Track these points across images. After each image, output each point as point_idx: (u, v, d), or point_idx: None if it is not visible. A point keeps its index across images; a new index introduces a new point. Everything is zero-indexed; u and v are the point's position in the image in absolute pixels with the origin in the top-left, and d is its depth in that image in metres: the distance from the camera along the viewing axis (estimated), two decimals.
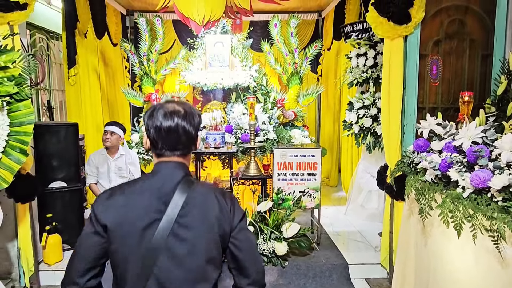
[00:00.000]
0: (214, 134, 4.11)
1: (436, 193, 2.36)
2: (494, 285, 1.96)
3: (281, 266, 3.43)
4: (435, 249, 2.53)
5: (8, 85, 2.36)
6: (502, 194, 1.83)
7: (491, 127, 2.24)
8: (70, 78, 4.89)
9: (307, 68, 5.42)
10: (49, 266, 3.50)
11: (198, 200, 1.33)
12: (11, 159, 2.44)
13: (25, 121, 2.46)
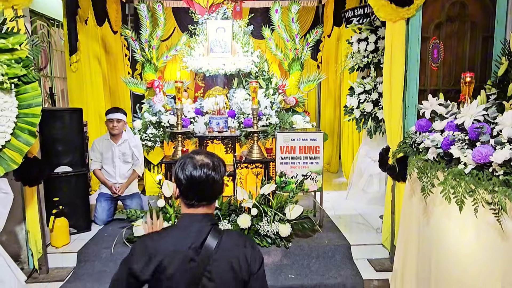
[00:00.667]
0: (217, 118, 4.15)
1: (438, 171, 2.41)
2: (495, 257, 2.01)
3: (284, 247, 3.49)
4: (437, 227, 2.59)
5: (16, 67, 2.39)
6: (503, 168, 1.87)
7: (492, 105, 2.28)
8: (72, 65, 4.91)
9: (307, 54, 5.44)
10: (56, 248, 3.55)
11: (226, 248, 1.49)
12: (20, 140, 2.48)
13: (33, 103, 2.49)
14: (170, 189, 3.59)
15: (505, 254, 1.93)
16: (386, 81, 3.23)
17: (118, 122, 4.09)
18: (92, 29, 5.39)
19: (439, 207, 2.51)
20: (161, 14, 5.22)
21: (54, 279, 3.23)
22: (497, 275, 1.99)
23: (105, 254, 3.44)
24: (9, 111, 2.41)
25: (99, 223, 4.10)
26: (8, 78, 2.37)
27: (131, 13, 6.40)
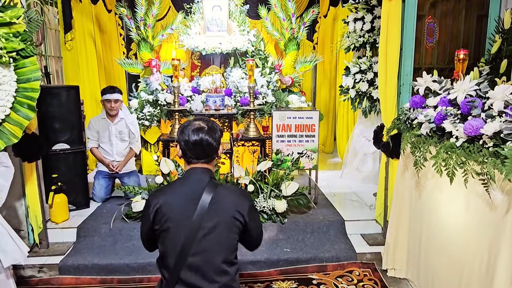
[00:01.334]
0: (214, 96, 4.17)
1: (431, 146, 2.48)
2: (483, 227, 2.10)
3: (280, 223, 3.57)
4: (428, 200, 2.68)
5: (14, 41, 2.40)
6: (493, 140, 1.94)
7: (484, 80, 2.33)
8: (67, 43, 4.89)
9: (304, 34, 5.44)
10: (56, 224, 3.61)
11: (221, 198, 1.75)
12: (20, 115, 2.50)
13: (31, 78, 2.50)
14: (168, 166, 3.64)
15: (493, 223, 2.02)
16: (382, 59, 3.27)
17: (115, 102, 4.11)
18: (86, 7, 5.34)
19: (431, 181, 2.60)
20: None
21: (54, 253, 3.30)
22: (485, 244, 2.08)
23: (104, 229, 3.51)
24: (8, 85, 2.43)
25: (98, 200, 4.15)
26: (6, 52, 2.38)
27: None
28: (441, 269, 2.54)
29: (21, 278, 3.05)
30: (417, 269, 2.87)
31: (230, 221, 1.75)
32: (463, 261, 2.27)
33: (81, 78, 5.33)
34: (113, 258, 3.20)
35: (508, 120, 1.88)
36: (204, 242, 1.71)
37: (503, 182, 1.89)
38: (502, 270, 1.95)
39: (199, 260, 1.70)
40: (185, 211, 1.71)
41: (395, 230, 3.08)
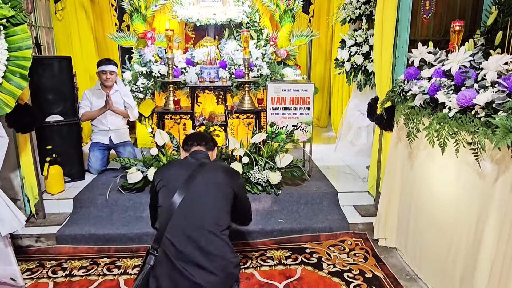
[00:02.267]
0: (209, 68, 4.14)
1: (424, 117, 2.51)
2: (472, 195, 2.15)
3: (275, 194, 3.62)
4: (420, 170, 2.73)
5: (4, 7, 2.35)
6: (485, 110, 1.97)
7: (479, 51, 2.34)
8: (58, 13, 4.79)
9: (299, 6, 5.36)
10: (52, 195, 3.64)
11: (215, 167, 2.20)
12: (12, 84, 2.48)
13: (23, 46, 2.47)
14: (163, 138, 3.65)
15: (482, 191, 2.07)
16: (378, 31, 3.24)
17: (111, 74, 4.12)
18: None
19: (423, 152, 2.64)
20: None
21: (51, 223, 3.34)
22: (474, 212, 2.14)
23: (100, 200, 3.54)
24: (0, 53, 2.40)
25: (93, 172, 4.17)
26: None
27: None
28: (429, 238, 2.62)
29: (19, 247, 3.10)
30: (405, 239, 2.96)
31: (224, 188, 2.11)
32: (453, 229, 2.34)
33: (73, 49, 5.25)
34: (109, 228, 3.25)
35: (501, 90, 1.91)
36: (195, 205, 2.03)
37: (492, 151, 1.93)
38: (489, 236, 2.02)
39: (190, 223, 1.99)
40: (180, 176, 2.07)
41: (386, 201, 3.15)
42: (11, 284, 2.54)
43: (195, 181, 2.05)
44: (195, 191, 2.04)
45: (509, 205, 1.86)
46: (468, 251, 2.20)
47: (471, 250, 2.17)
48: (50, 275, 2.78)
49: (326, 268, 2.85)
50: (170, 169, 2.20)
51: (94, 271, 2.82)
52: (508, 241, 1.85)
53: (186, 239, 1.94)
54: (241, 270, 2.81)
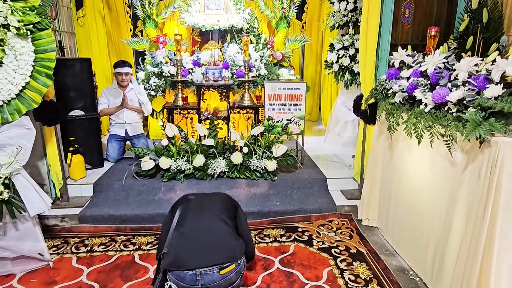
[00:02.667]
0: (213, 68, 4.11)
1: (403, 113, 2.50)
2: (444, 182, 2.16)
3: (271, 180, 3.62)
4: (398, 160, 2.72)
5: (30, 14, 2.32)
6: (457, 106, 1.96)
7: (452, 53, 2.32)
8: (79, 19, 4.74)
9: (293, 14, 5.31)
10: (75, 181, 3.63)
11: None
12: (39, 82, 2.46)
13: (48, 49, 2.44)
14: (173, 130, 3.64)
15: (453, 178, 2.07)
16: (363, 36, 3.22)
17: (126, 75, 4.10)
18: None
19: (402, 143, 2.64)
20: None
21: (74, 205, 3.34)
22: (445, 196, 2.15)
23: (117, 185, 3.54)
24: (27, 55, 2.37)
25: (111, 160, 4.17)
26: (24, 25, 2.31)
27: None
28: (406, 219, 2.63)
29: (46, 226, 3.11)
30: (386, 218, 2.97)
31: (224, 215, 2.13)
32: (427, 211, 2.35)
33: (92, 52, 5.20)
34: (125, 209, 3.26)
35: (471, 89, 1.90)
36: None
37: (463, 143, 1.93)
38: (458, 217, 2.03)
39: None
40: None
41: (369, 186, 3.15)
42: (39, 259, 2.55)
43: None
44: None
45: (477, 190, 1.86)
46: (440, 230, 2.21)
47: (443, 230, 2.18)
48: (73, 250, 2.79)
49: (316, 245, 2.86)
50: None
51: (112, 247, 2.83)
52: (475, 222, 1.85)
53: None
54: None
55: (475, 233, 1.85)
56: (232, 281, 1.95)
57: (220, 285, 1.91)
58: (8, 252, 2.46)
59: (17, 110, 2.42)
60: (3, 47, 2.32)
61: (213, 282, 1.88)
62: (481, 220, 1.79)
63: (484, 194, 1.79)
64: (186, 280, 1.87)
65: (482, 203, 1.81)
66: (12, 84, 2.37)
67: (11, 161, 2.33)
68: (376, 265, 2.58)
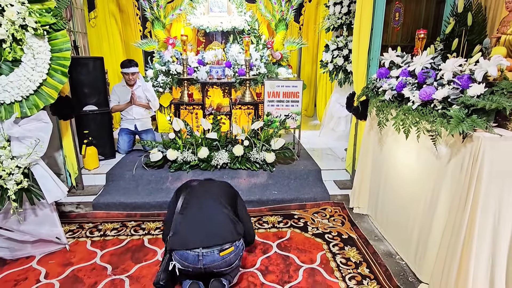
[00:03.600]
0: (217, 67, 4.09)
1: (392, 109, 2.49)
2: (429, 173, 2.16)
3: (270, 171, 3.63)
4: (387, 153, 2.72)
5: (47, 16, 2.30)
6: (442, 104, 1.95)
7: (438, 54, 2.31)
8: (91, 21, 4.70)
9: (291, 16, 5.27)
10: (89, 171, 3.64)
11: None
12: (55, 79, 2.45)
13: (63, 48, 2.42)
14: (179, 125, 3.63)
15: (438, 170, 2.07)
16: (355, 37, 3.20)
17: (132, 75, 4.05)
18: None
19: (391, 137, 2.63)
20: None
21: (88, 193, 3.35)
22: (430, 186, 2.15)
23: (128, 175, 3.54)
24: (44, 54, 2.36)
25: (122, 152, 4.17)
26: (41, 26, 2.29)
27: None
28: (394, 207, 2.64)
29: (62, 213, 3.12)
30: (375, 207, 2.98)
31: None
32: (412, 200, 2.36)
33: (104, 51, 5.17)
34: (135, 197, 3.26)
35: (455, 87, 1.89)
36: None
37: (447, 138, 1.93)
38: (441, 205, 2.04)
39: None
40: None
41: (360, 176, 3.16)
42: (56, 242, 2.57)
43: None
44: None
45: (459, 181, 1.87)
46: (424, 218, 2.22)
47: (426, 218, 2.18)
48: (88, 235, 2.81)
49: (311, 231, 2.87)
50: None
51: (123, 232, 2.85)
52: (457, 211, 1.86)
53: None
54: None
55: (456, 222, 1.86)
56: (231, 262, 1.99)
57: (220, 266, 1.95)
58: (28, 236, 2.48)
59: (35, 105, 2.41)
60: (22, 46, 2.30)
61: (213, 262, 1.92)
62: (462, 209, 1.80)
63: (466, 185, 1.80)
64: (189, 260, 1.90)
65: (464, 193, 1.81)
66: (30, 81, 2.36)
67: (30, 152, 2.34)
68: (366, 249, 2.60)
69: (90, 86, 3.73)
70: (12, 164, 2.29)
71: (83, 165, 3.67)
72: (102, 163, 3.86)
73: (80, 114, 3.67)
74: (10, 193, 2.27)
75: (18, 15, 2.19)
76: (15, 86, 2.32)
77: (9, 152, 2.31)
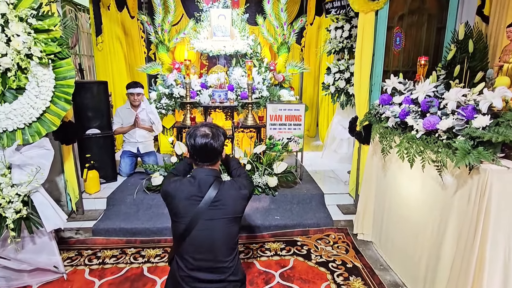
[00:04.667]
0: (219, 91, 4.10)
1: (395, 136, 2.46)
2: (435, 203, 2.10)
3: (272, 195, 3.57)
4: (391, 179, 2.67)
5: (52, 45, 2.32)
6: (446, 134, 1.92)
7: (441, 83, 2.29)
8: (98, 45, 4.77)
9: (293, 39, 5.33)
10: (89, 195, 3.60)
11: (225, 193, 1.63)
12: (58, 107, 2.44)
13: (67, 76, 2.43)
14: (181, 149, 3.61)
15: (443, 200, 2.02)
16: (357, 62, 3.21)
17: (138, 95, 4.07)
18: (113, 14, 5.19)
19: (395, 164, 2.59)
20: (172, 2, 5.02)
21: (89, 218, 3.30)
22: (436, 216, 2.09)
23: (129, 199, 3.50)
24: (48, 82, 2.36)
25: (124, 175, 4.13)
26: (46, 55, 2.31)
27: (145, 1, 6.14)
28: (399, 235, 2.57)
29: (61, 239, 3.06)
30: (379, 234, 2.90)
31: (232, 217, 1.64)
32: (418, 229, 2.29)
33: (109, 73, 5.22)
34: (136, 223, 3.21)
35: (459, 118, 1.86)
36: (204, 231, 1.60)
37: (453, 169, 1.88)
38: (449, 236, 1.97)
39: (202, 252, 1.62)
40: (191, 206, 1.60)
41: (364, 202, 3.10)
42: (54, 271, 2.50)
43: (206, 207, 1.67)
44: (205, 219, 1.67)
45: (467, 213, 1.81)
46: (431, 248, 2.15)
47: (434, 248, 2.11)
48: (86, 262, 2.74)
49: (314, 259, 2.79)
50: (182, 193, 1.69)
51: (123, 260, 2.77)
52: (466, 244, 1.79)
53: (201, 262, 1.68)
54: (244, 260, 2.76)
55: (465, 257, 1.79)
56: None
57: None
58: (25, 265, 2.42)
59: (38, 132, 2.40)
60: (27, 74, 2.31)
61: None
62: (471, 243, 1.74)
63: (474, 218, 1.74)
64: None
65: (472, 226, 1.75)
66: (33, 109, 2.35)
67: (30, 180, 2.30)
68: (372, 280, 2.51)
69: (93, 110, 3.74)
70: (12, 192, 2.26)
71: (84, 189, 3.63)
72: (103, 186, 3.82)
73: (82, 138, 3.65)
74: (8, 222, 2.23)
75: (24, 45, 2.21)
76: (18, 114, 2.31)
77: (9, 180, 2.28)
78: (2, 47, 2.15)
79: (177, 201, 1.62)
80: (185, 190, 1.63)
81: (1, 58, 2.17)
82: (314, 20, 6.14)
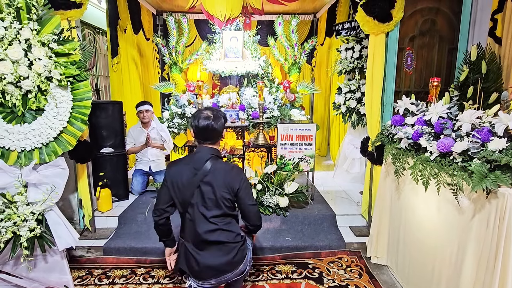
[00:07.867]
0: (230, 111, 4.15)
1: (409, 158, 2.43)
2: (452, 227, 2.04)
3: (283, 216, 3.53)
4: (406, 202, 2.62)
5: (71, 68, 2.40)
6: (461, 156, 1.89)
7: (454, 105, 2.27)
8: (114, 66, 4.90)
9: (304, 60, 5.40)
10: (102, 213, 3.62)
11: (218, 169, 1.86)
12: (74, 127, 2.50)
13: (84, 97, 2.50)
14: None
15: (461, 224, 1.96)
16: (368, 83, 3.22)
17: (147, 112, 4.14)
18: (129, 36, 5.37)
19: (408, 186, 2.54)
20: (186, 25, 5.18)
21: (100, 237, 3.30)
22: (454, 240, 2.02)
23: (140, 218, 3.50)
24: (66, 103, 2.44)
25: (135, 193, 4.16)
26: (65, 77, 2.39)
27: (161, 24, 6.35)
28: (416, 259, 2.48)
29: (73, 257, 3.07)
30: (395, 258, 2.81)
31: (220, 195, 1.84)
32: (435, 252, 2.22)
33: (124, 93, 5.35)
34: (146, 242, 3.20)
35: (474, 141, 1.83)
36: (200, 197, 1.86)
37: (470, 193, 1.83)
38: (468, 261, 1.90)
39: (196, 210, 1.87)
40: (189, 177, 1.84)
41: (377, 224, 3.03)
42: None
43: (202, 176, 1.90)
44: (203, 186, 1.94)
45: (486, 238, 1.75)
46: (450, 273, 2.06)
47: (453, 273, 2.03)
48: (96, 282, 2.72)
49: (326, 283, 2.71)
50: (182, 166, 1.96)
51: (132, 280, 2.75)
52: (486, 270, 1.72)
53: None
54: (254, 282, 2.71)
55: (486, 282, 1.72)
56: (242, 271, 1.98)
57: (232, 277, 1.95)
58: (36, 284, 2.43)
59: (54, 151, 2.45)
60: (46, 96, 2.39)
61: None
62: (491, 271, 1.67)
63: (494, 244, 1.68)
64: None
65: (493, 252, 1.69)
66: (51, 129, 2.41)
67: (45, 199, 2.34)
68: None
69: (108, 129, 3.81)
70: (27, 210, 2.30)
71: (96, 207, 3.66)
72: (115, 204, 3.84)
73: (96, 156, 3.71)
74: (22, 240, 2.25)
75: (45, 68, 2.29)
76: (36, 134, 2.38)
77: (25, 198, 2.32)
78: (24, 70, 2.23)
79: (178, 177, 1.87)
80: (185, 163, 1.89)
81: (23, 81, 2.26)
82: (325, 41, 6.21)
